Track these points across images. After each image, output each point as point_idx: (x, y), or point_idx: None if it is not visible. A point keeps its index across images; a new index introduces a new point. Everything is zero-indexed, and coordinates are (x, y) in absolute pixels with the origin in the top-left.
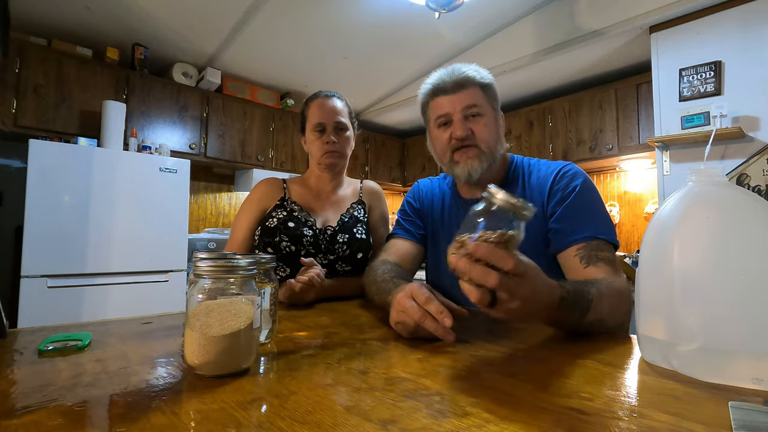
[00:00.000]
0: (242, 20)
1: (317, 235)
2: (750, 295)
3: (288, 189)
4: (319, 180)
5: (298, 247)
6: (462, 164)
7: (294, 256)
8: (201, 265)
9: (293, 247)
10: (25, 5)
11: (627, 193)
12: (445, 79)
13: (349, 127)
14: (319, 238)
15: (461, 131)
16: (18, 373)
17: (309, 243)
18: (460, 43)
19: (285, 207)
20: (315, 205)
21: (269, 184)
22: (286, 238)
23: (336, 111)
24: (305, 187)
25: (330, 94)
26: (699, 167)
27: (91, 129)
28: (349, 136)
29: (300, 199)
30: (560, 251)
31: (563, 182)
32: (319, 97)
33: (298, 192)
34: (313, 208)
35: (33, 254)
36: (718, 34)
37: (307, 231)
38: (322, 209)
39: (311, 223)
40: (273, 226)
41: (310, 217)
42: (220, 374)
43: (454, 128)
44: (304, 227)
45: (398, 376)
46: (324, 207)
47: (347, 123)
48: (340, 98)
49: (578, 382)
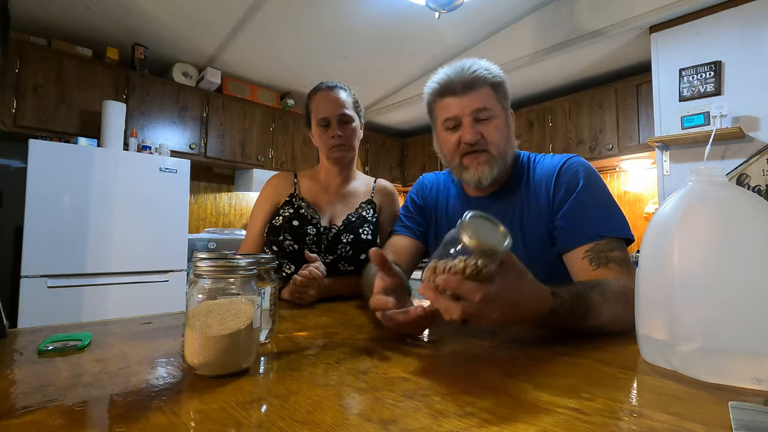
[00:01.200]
0: (242, 20)
1: (320, 233)
2: (750, 295)
3: (298, 184)
4: (328, 173)
5: (302, 246)
6: (472, 170)
7: (298, 254)
8: (201, 265)
9: (296, 245)
10: (25, 5)
11: (627, 193)
12: (454, 79)
13: (354, 118)
14: (322, 236)
15: (471, 136)
16: (18, 373)
17: (312, 242)
18: (460, 43)
19: (293, 204)
20: (324, 199)
21: (280, 178)
22: (290, 237)
23: (340, 103)
24: (315, 180)
25: (333, 85)
26: (699, 167)
27: (91, 129)
28: (355, 127)
29: (309, 194)
30: (567, 251)
31: (567, 175)
32: (321, 89)
33: (308, 186)
34: (321, 202)
35: (33, 254)
36: (718, 34)
37: (311, 229)
38: (331, 204)
39: (316, 220)
40: (278, 224)
41: (316, 214)
42: (220, 374)
43: (463, 132)
44: (309, 225)
45: (398, 376)
46: (333, 201)
47: (352, 114)
48: (344, 88)
49: (578, 382)
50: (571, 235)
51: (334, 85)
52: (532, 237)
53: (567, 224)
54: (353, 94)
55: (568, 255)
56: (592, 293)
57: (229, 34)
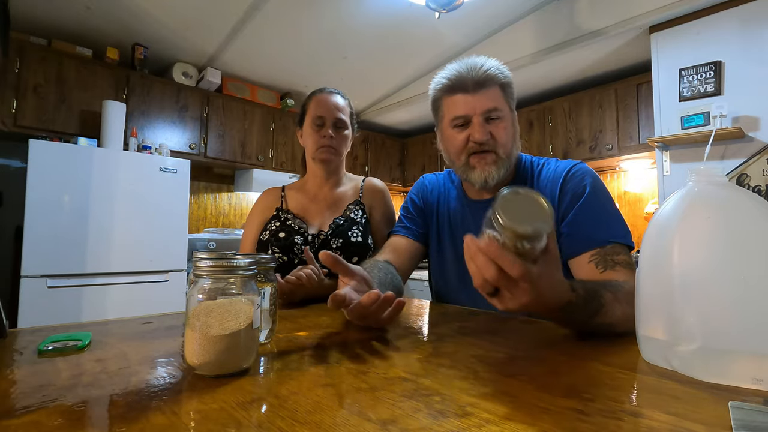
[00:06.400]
0: (242, 20)
1: (308, 242)
2: (750, 295)
3: (285, 197)
4: (315, 181)
5: (291, 257)
6: (479, 170)
7: (287, 266)
8: (201, 265)
9: (285, 257)
10: (25, 5)
11: (627, 193)
12: (466, 76)
13: (348, 126)
14: (311, 244)
15: (481, 135)
16: (18, 373)
17: (300, 251)
18: (460, 43)
19: (279, 217)
20: (312, 209)
21: (268, 194)
22: (278, 250)
23: (338, 107)
24: (302, 191)
25: (334, 90)
26: (699, 167)
27: (91, 129)
28: (347, 135)
29: (296, 206)
30: (573, 257)
31: (573, 182)
32: (323, 92)
33: (295, 198)
34: (309, 213)
35: (33, 254)
36: (718, 34)
37: (298, 239)
38: (320, 213)
39: (303, 230)
40: (265, 239)
41: (303, 224)
42: (220, 374)
43: (473, 131)
44: (296, 235)
45: (398, 376)
46: (321, 210)
47: (347, 121)
48: (344, 97)
49: (578, 382)
50: (577, 241)
51: (336, 91)
52: None
53: (573, 231)
54: (351, 105)
55: (574, 260)
56: (605, 291)
57: (229, 34)
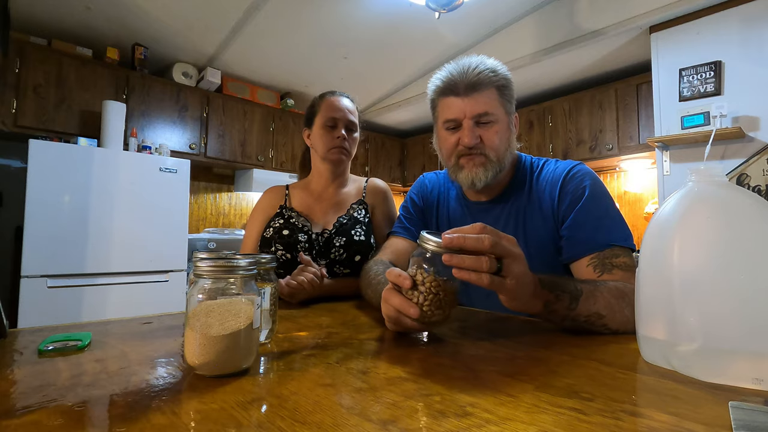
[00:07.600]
0: (242, 20)
1: (312, 240)
2: (750, 295)
3: (289, 195)
4: (320, 181)
5: (294, 254)
6: (467, 171)
7: (290, 263)
8: (201, 265)
9: (288, 254)
10: (25, 5)
11: (627, 193)
12: (457, 79)
13: (357, 129)
14: (314, 242)
15: (470, 140)
16: (18, 373)
17: (303, 249)
18: (460, 43)
19: (283, 215)
20: (317, 208)
21: (272, 192)
22: (281, 247)
23: (350, 110)
24: (307, 191)
25: (344, 94)
26: (699, 167)
27: (91, 129)
28: (356, 138)
29: (301, 204)
30: (573, 261)
31: (573, 184)
32: (334, 95)
33: (300, 197)
34: (314, 212)
35: (33, 254)
36: (718, 34)
37: (302, 236)
38: (324, 212)
39: (307, 228)
40: (269, 236)
41: (307, 222)
42: (220, 374)
43: (462, 135)
44: (299, 233)
45: (398, 376)
46: (326, 210)
47: (357, 125)
48: (353, 101)
49: (578, 382)
50: (577, 244)
51: (346, 95)
52: (535, 243)
53: (573, 234)
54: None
55: (574, 265)
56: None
57: (229, 34)
